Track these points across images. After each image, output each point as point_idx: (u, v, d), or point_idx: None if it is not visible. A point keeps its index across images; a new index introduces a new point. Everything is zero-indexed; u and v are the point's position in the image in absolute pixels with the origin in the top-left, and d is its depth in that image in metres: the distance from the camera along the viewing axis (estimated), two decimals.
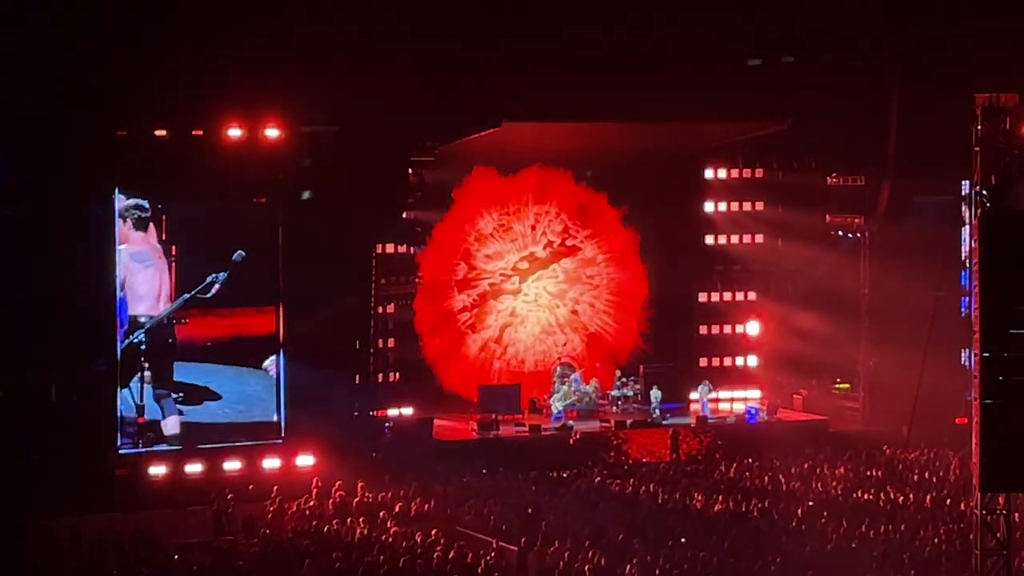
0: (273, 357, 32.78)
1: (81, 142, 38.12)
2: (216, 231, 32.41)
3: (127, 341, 28.66)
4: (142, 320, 29.87)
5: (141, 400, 29.46)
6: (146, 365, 29.30)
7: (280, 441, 39.92)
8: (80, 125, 38.11)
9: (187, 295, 31.44)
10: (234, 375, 31.26)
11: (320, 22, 40.03)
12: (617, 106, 42.32)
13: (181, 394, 29.38)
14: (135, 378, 28.91)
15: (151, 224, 31.95)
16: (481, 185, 49.37)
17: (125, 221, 31.82)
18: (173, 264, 32.20)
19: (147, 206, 31.21)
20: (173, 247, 32.60)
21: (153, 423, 30.42)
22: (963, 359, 43.34)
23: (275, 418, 31.26)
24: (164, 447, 35.14)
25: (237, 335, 31.11)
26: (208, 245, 32.33)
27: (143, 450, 37.28)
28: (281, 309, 38.80)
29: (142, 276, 30.79)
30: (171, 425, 30.24)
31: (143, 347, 29.25)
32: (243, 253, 32.65)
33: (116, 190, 35.90)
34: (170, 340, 29.64)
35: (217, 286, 31.99)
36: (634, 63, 42.65)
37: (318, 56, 40.01)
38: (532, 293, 50.35)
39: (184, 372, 30.15)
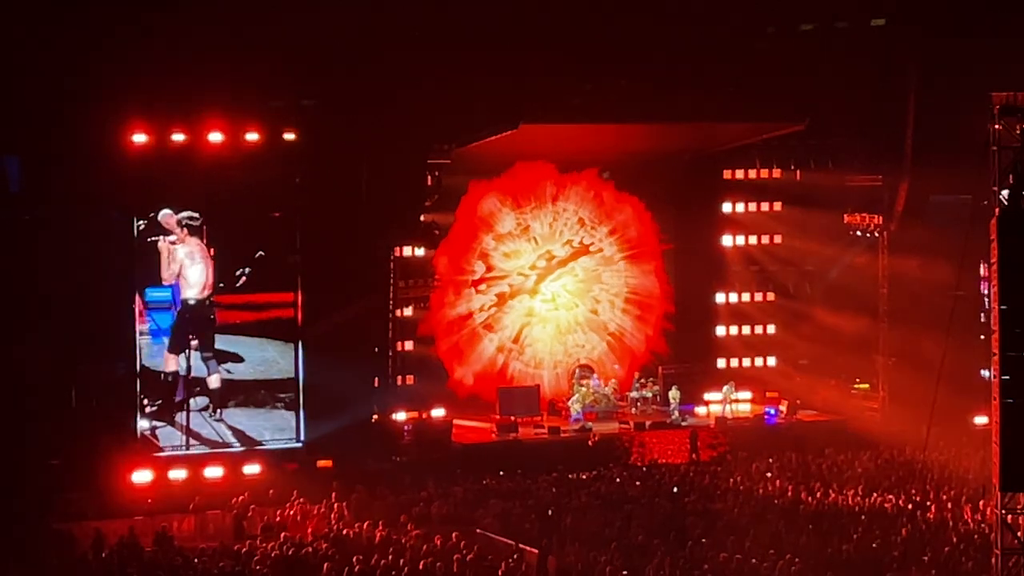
0: None
1: (97, 147, 38.30)
2: (245, 236, 38.20)
3: (180, 317, 36.37)
4: (191, 303, 36.76)
5: (188, 362, 36.43)
6: (192, 336, 36.57)
7: (300, 445, 40.32)
8: (96, 130, 38.27)
9: (222, 284, 37.62)
10: (256, 344, 37.50)
11: (337, 26, 40.07)
12: (634, 107, 42.34)
13: (213, 355, 36.49)
14: (185, 345, 36.64)
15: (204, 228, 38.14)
16: (499, 185, 49.37)
17: (182, 227, 37.51)
18: (212, 261, 38.12)
19: (198, 216, 37.31)
20: (211, 248, 38.32)
21: (200, 379, 36.61)
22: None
23: (287, 376, 37.87)
24: (199, 449, 39.12)
25: (260, 318, 37.46)
26: (238, 247, 38.16)
27: (180, 453, 38.93)
28: (299, 309, 40.24)
29: (193, 270, 37.07)
30: (214, 381, 37.02)
31: (191, 322, 36.57)
32: (263, 253, 37.94)
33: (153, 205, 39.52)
34: (211, 317, 36.71)
35: (244, 278, 37.66)
36: (650, 64, 42.63)
37: (335, 60, 40.14)
38: (550, 292, 50.33)
39: (221, 342, 37.19)
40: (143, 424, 38.80)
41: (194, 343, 36.91)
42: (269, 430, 38.55)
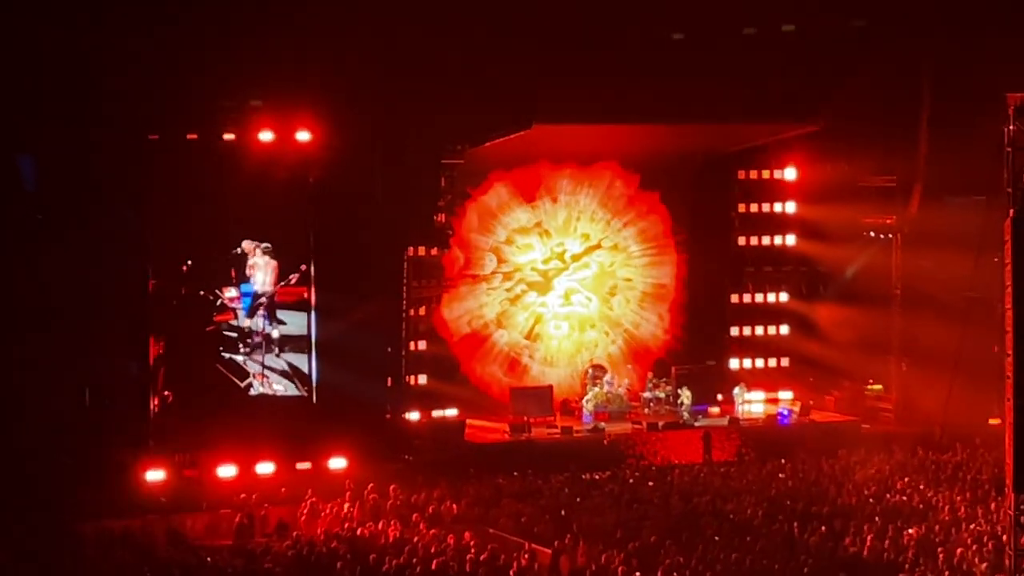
0: None
1: (110, 146, 38.39)
2: (292, 252, 42.90)
3: (259, 300, 42.78)
4: (259, 293, 42.58)
5: (262, 325, 42.69)
6: (265, 312, 42.89)
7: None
8: (110, 129, 38.36)
9: (282, 282, 42.57)
10: (299, 315, 42.91)
11: (350, 24, 40.12)
12: (647, 108, 42.28)
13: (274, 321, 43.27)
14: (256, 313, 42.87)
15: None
16: (513, 180, 49.29)
17: (263, 253, 42.50)
18: (277, 267, 43.00)
19: (271, 246, 42.84)
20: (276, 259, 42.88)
21: (268, 334, 42.39)
22: None
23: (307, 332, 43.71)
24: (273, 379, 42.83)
25: (301, 298, 42.88)
26: (292, 259, 42.72)
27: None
28: (312, 311, 42.05)
29: (260, 275, 42.55)
30: (275, 335, 42.64)
31: (264, 303, 42.65)
32: (304, 267, 42.48)
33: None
34: (275, 299, 42.58)
35: (294, 278, 42.52)
36: (664, 64, 42.63)
37: (348, 58, 40.17)
38: (564, 288, 50.28)
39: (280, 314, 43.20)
40: (239, 358, 42.16)
41: (262, 312, 42.69)
42: (307, 361, 43.06)
